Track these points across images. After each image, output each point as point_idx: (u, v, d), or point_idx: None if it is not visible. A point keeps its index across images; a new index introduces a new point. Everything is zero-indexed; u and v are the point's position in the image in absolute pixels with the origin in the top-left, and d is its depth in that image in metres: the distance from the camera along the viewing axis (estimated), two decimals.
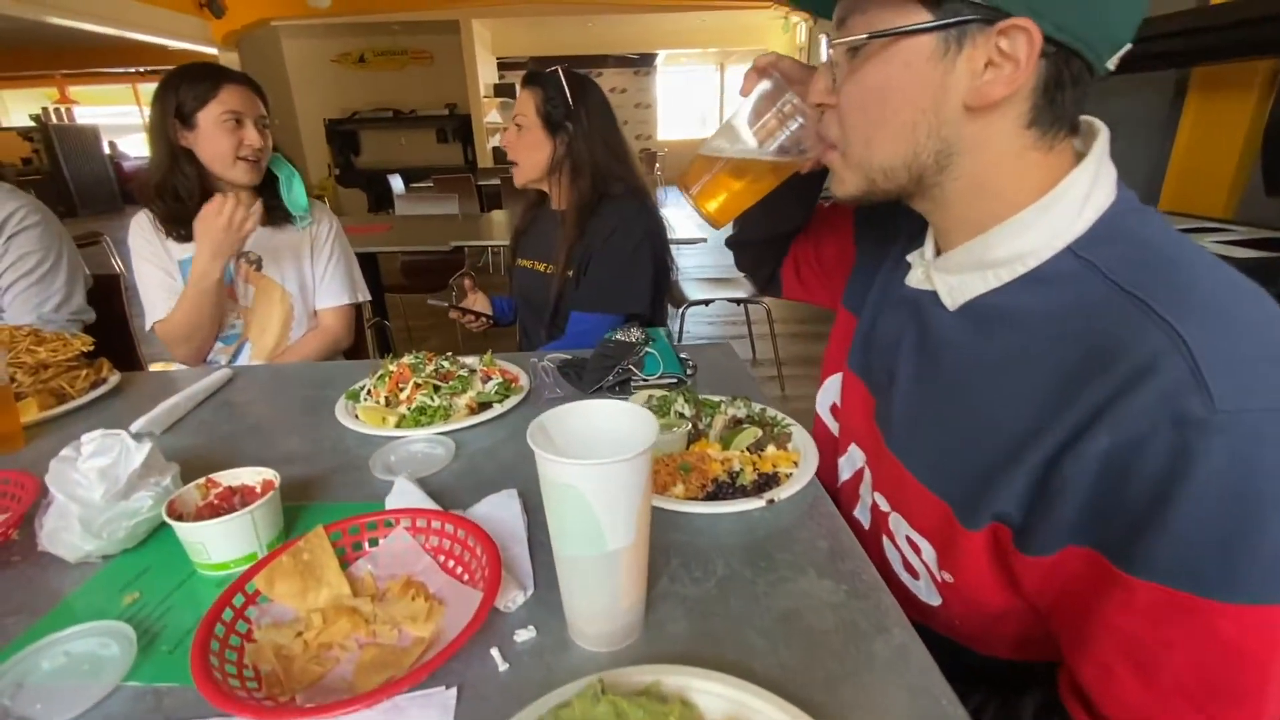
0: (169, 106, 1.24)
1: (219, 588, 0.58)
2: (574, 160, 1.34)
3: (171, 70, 1.26)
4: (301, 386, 1.06)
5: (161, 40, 6.74)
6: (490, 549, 0.55)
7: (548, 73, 1.34)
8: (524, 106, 1.34)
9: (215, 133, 1.25)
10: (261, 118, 1.31)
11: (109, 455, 0.62)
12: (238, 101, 1.26)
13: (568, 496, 0.44)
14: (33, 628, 0.54)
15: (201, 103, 1.24)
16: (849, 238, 0.78)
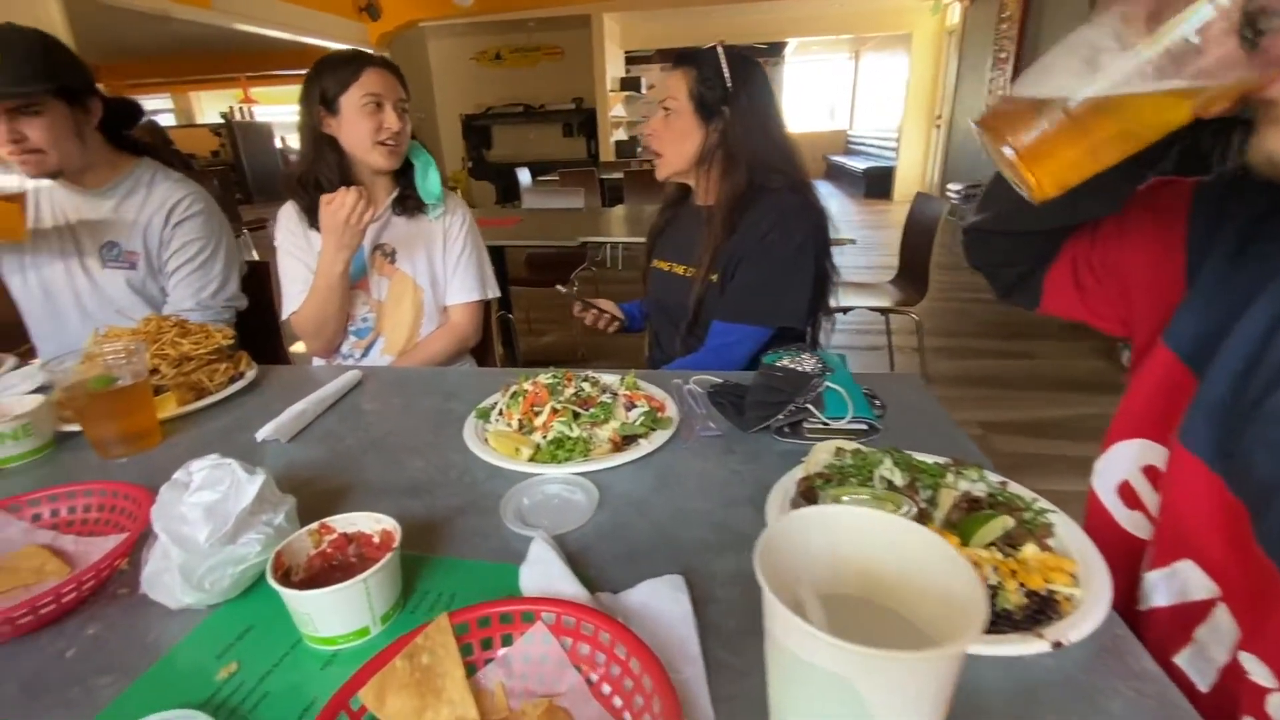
0: (314, 95, 1.23)
1: (323, 668, 0.48)
2: (728, 150, 1.16)
3: (317, 60, 1.25)
4: (428, 395, 0.97)
5: (326, 43, 7.33)
6: (664, 687, 0.39)
7: (705, 50, 1.17)
8: (674, 89, 1.18)
9: (356, 116, 1.22)
10: (400, 101, 1.27)
11: (218, 489, 0.53)
12: (378, 84, 1.23)
13: (828, 689, 0.27)
14: (119, 698, 0.45)
15: (344, 87, 1.21)
16: (1179, 246, 0.54)
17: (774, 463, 0.73)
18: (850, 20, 9.35)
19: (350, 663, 0.48)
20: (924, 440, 0.73)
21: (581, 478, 0.69)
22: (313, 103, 1.23)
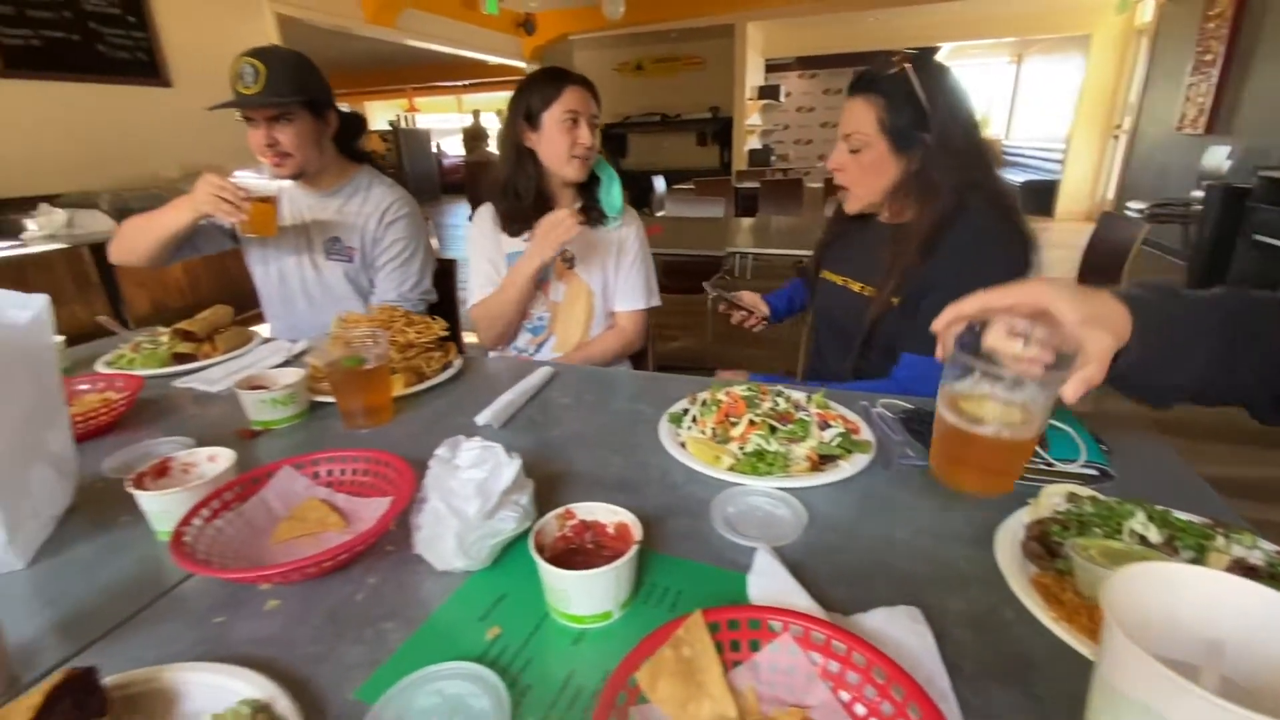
0: (520, 110, 1.34)
1: (574, 644, 0.52)
2: (928, 175, 1.06)
3: (523, 78, 1.36)
4: (615, 396, 1.03)
5: (486, 57, 7.94)
6: (929, 710, 0.39)
7: (891, 75, 1.04)
8: (858, 121, 1.07)
9: (556, 131, 1.31)
10: (593, 116, 1.35)
11: (484, 468, 0.59)
12: (576, 101, 1.31)
13: None
14: (406, 643, 0.52)
15: (546, 104, 1.31)
16: None
17: (984, 500, 0.69)
18: (1018, 22, 8.64)
19: (596, 641, 0.52)
20: (1163, 494, 0.66)
21: (786, 493, 0.70)
22: (517, 117, 1.34)
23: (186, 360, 1.17)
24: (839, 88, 9.93)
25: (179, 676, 0.47)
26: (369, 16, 5.61)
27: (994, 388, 0.60)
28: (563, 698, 0.47)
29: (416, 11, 6.13)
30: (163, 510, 0.65)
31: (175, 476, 0.70)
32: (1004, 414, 0.60)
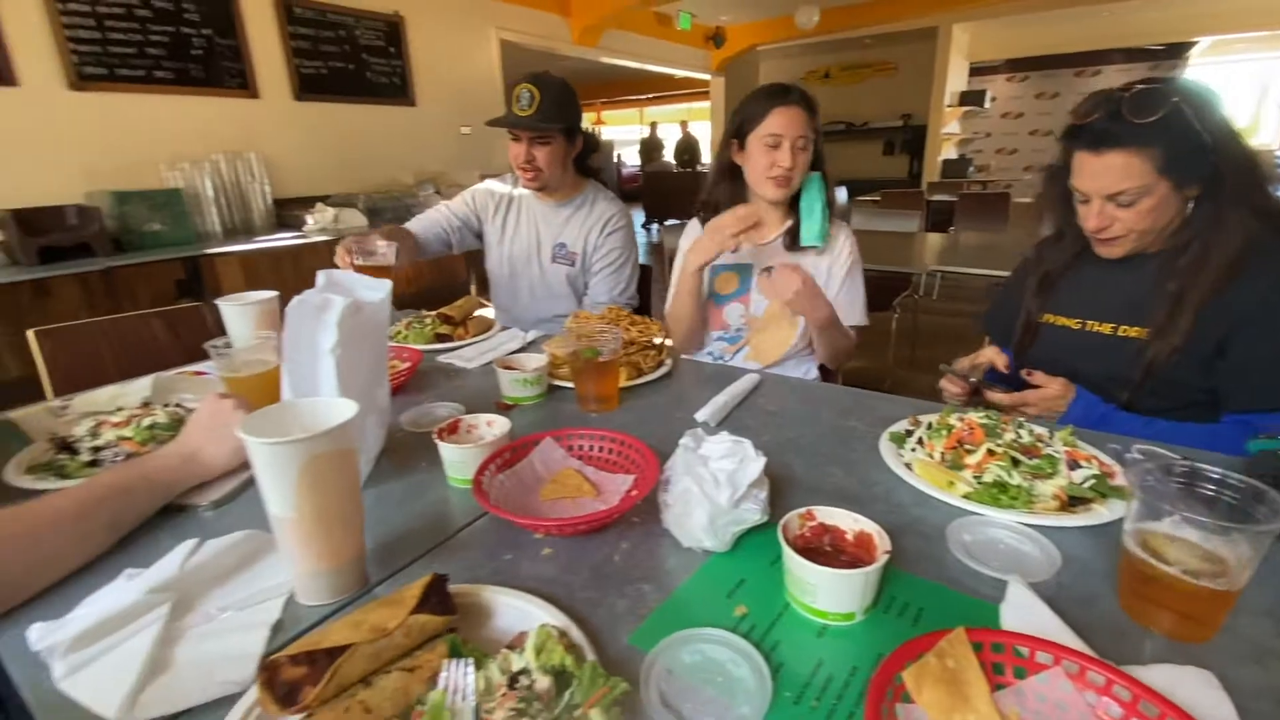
0: (732, 127, 1.38)
1: (818, 636, 0.55)
2: (1215, 210, 0.93)
3: (747, 95, 1.39)
4: (824, 409, 1.04)
5: (673, 70, 8.23)
6: None
7: (1165, 116, 0.88)
8: (1128, 175, 0.92)
9: (758, 151, 1.34)
10: (800, 138, 1.32)
11: (734, 460, 0.65)
12: (781, 124, 1.31)
13: None
14: (665, 602, 0.59)
15: (753, 124, 1.34)
16: None
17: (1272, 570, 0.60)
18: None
19: (840, 638, 0.55)
20: None
21: (1033, 530, 0.67)
22: (730, 135, 1.39)
23: (444, 340, 1.39)
24: (1054, 91, 8.83)
25: (492, 596, 0.58)
26: (576, 38, 6.10)
27: (1197, 534, 0.54)
28: (814, 681, 0.50)
29: (618, 31, 6.54)
30: (459, 460, 0.79)
31: (463, 435, 0.84)
32: (1204, 563, 0.53)
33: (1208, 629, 0.54)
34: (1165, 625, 0.54)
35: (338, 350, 0.72)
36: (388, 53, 4.51)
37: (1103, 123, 0.93)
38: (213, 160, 3.53)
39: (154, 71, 3.39)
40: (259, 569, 0.64)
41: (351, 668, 0.45)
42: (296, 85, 4.00)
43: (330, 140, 4.24)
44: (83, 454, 0.85)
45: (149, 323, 1.55)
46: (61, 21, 3.03)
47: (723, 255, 1.47)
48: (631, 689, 0.47)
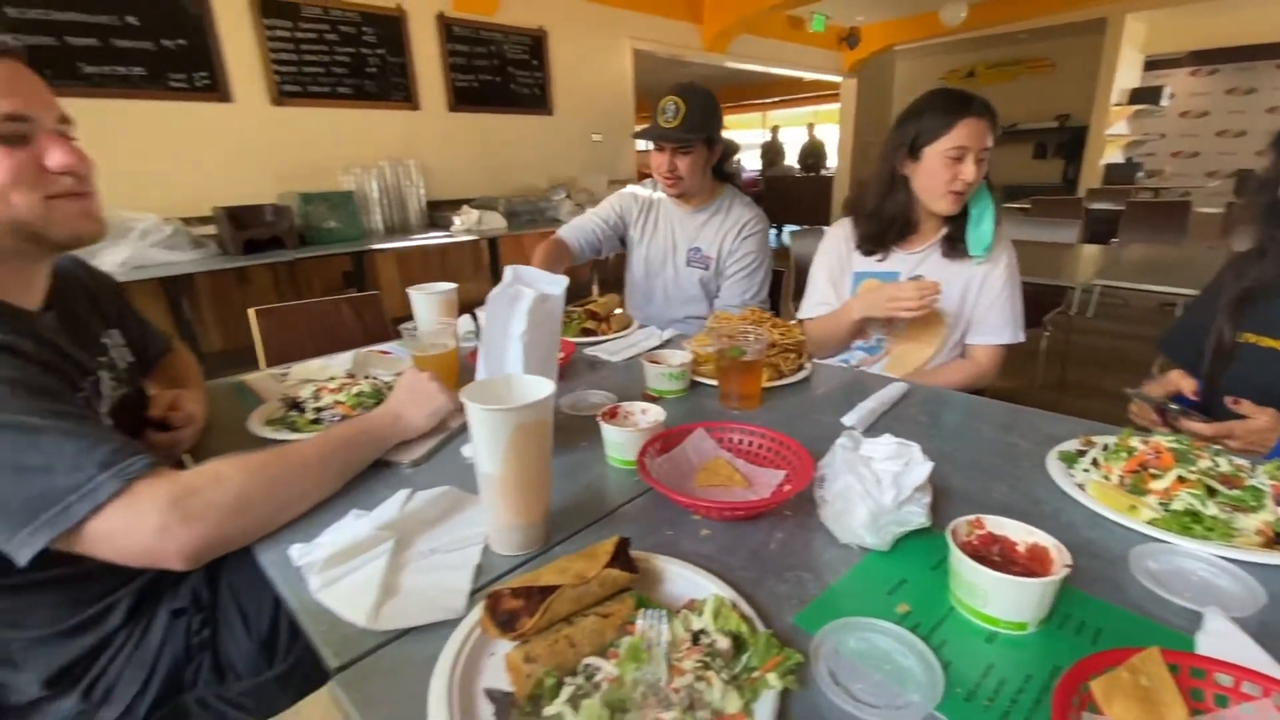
0: (904, 137, 1.31)
1: (987, 641, 0.55)
2: None
3: (917, 100, 1.32)
4: (981, 423, 1.01)
5: (803, 74, 8.07)
6: None
7: None
8: None
9: (937, 165, 1.27)
10: (983, 150, 1.26)
11: (899, 462, 0.66)
12: (967, 137, 1.24)
13: None
14: (825, 592, 0.62)
15: (934, 137, 1.27)
16: None
17: None
18: None
19: (1011, 646, 0.55)
20: None
21: (1232, 564, 0.62)
22: (899, 144, 1.32)
23: (588, 334, 1.48)
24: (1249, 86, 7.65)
25: (664, 564, 0.63)
26: (706, 45, 6.16)
27: None
28: (985, 683, 0.51)
29: (748, 36, 6.53)
30: (620, 442, 0.86)
31: (622, 419, 0.91)
32: None
33: None
34: None
35: (525, 336, 0.81)
36: (531, 65, 4.81)
37: None
38: (379, 166, 3.94)
39: (337, 88, 3.85)
40: (458, 520, 0.74)
41: (559, 605, 0.51)
42: (451, 97, 4.38)
43: (477, 148, 4.59)
44: (308, 413, 1.01)
45: (339, 307, 1.78)
46: (269, 48, 3.53)
47: (868, 263, 1.46)
48: (804, 661, 0.50)
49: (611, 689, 0.45)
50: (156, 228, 2.87)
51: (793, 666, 0.49)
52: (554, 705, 0.45)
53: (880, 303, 1.28)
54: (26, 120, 0.69)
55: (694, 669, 0.47)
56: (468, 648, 0.53)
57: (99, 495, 0.62)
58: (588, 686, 0.47)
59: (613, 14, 5.19)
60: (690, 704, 0.45)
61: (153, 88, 3.17)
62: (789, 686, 0.48)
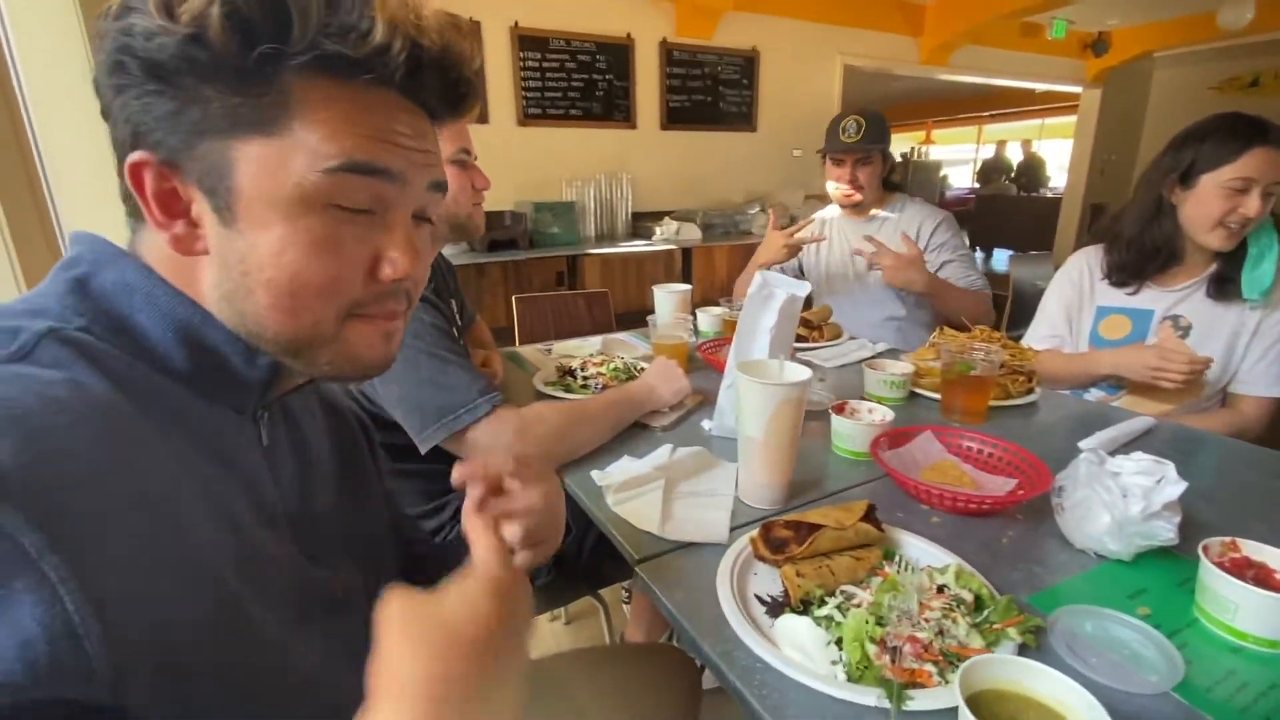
0: (1181, 161, 1.21)
1: (1234, 655, 0.57)
2: None
3: (1199, 123, 1.22)
4: (1246, 468, 0.95)
5: (1036, 85, 7.32)
6: None
7: None
8: None
9: (1214, 196, 1.17)
10: (1274, 184, 1.14)
11: (1151, 478, 0.68)
12: (1256, 168, 1.13)
13: None
14: (1058, 585, 0.67)
15: (1216, 164, 1.16)
16: None
17: None
18: None
19: (1259, 661, 0.56)
20: None
21: None
22: (1172, 169, 1.22)
23: (801, 340, 1.59)
24: None
25: (901, 534, 0.73)
26: (924, 59, 5.90)
27: None
28: (1227, 682, 0.54)
29: (973, 47, 6.12)
30: (850, 433, 0.96)
31: (849, 414, 1.01)
32: None
33: None
34: None
35: (774, 330, 0.95)
36: (741, 85, 5.01)
37: None
38: (596, 179, 4.40)
39: (569, 110, 4.37)
40: (710, 474, 0.90)
41: (822, 541, 0.64)
42: (664, 116, 4.73)
43: (681, 163, 4.90)
44: (579, 379, 1.25)
45: (577, 300, 2.09)
46: (521, 76, 4.13)
47: (1116, 296, 1.36)
48: (1042, 626, 0.57)
49: (873, 607, 0.57)
50: None
51: (1031, 627, 0.56)
52: (823, 608, 0.58)
53: (1139, 367, 1.20)
54: (468, 152, 1.04)
55: (941, 608, 0.57)
56: (737, 565, 0.68)
57: (478, 412, 0.88)
58: (848, 605, 0.58)
59: (826, 31, 5.21)
60: (939, 631, 0.55)
61: None
62: (1027, 643, 0.56)
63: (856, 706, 0.51)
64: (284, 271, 0.39)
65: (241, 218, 0.38)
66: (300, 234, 0.39)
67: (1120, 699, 0.52)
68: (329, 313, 0.41)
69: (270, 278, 0.39)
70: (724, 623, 0.60)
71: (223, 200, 0.38)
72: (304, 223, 0.39)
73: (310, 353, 0.42)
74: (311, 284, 0.40)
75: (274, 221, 0.38)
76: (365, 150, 0.39)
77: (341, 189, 0.39)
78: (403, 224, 0.43)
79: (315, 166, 0.38)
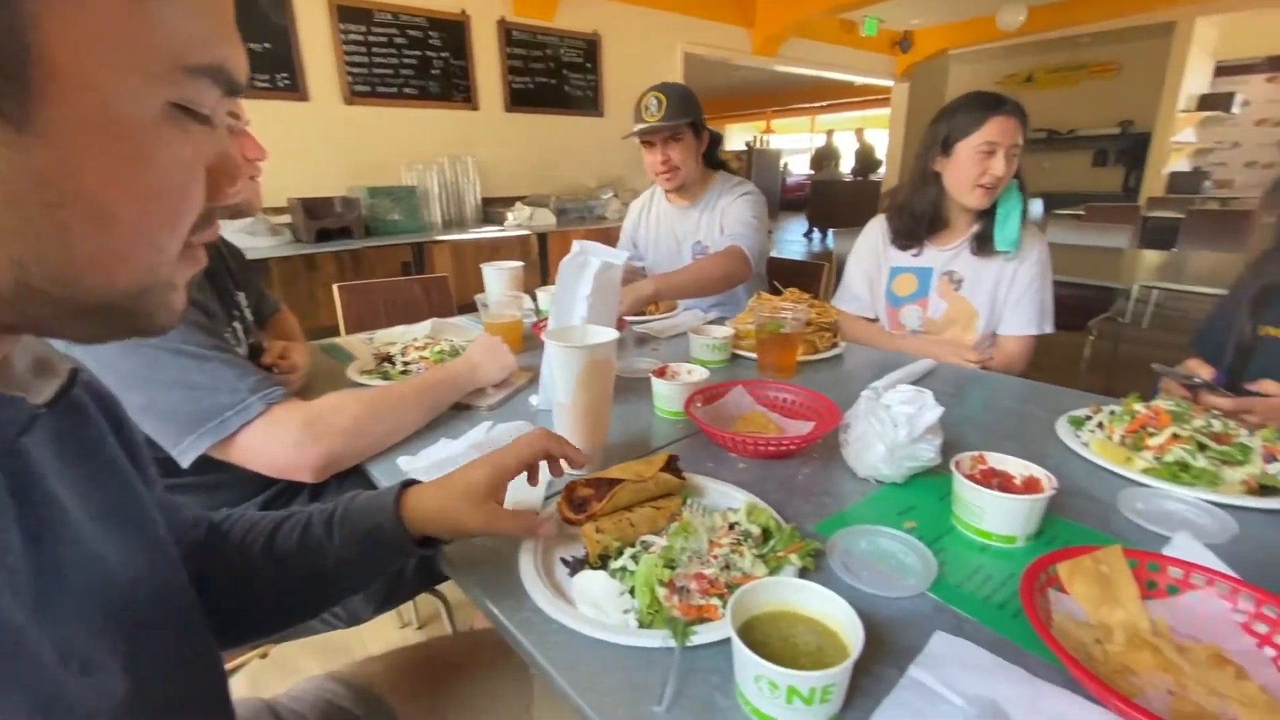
0: (937, 135, 1.38)
1: (981, 553, 0.65)
2: None
3: (952, 101, 1.39)
4: (1002, 396, 1.09)
5: (854, 78, 8.04)
6: None
7: None
8: None
9: (968, 161, 1.34)
10: (1014, 146, 1.33)
11: (914, 406, 0.76)
12: (998, 132, 1.31)
13: None
14: (842, 512, 0.72)
15: (965, 133, 1.34)
16: None
17: None
18: None
19: (1000, 556, 0.64)
20: None
21: (1213, 505, 0.70)
22: (933, 142, 1.39)
23: (639, 314, 1.60)
24: None
25: (705, 481, 0.75)
26: (756, 49, 6.24)
27: None
28: (974, 577, 0.61)
29: (799, 40, 6.57)
30: (668, 394, 0.98)
31: (670, 377, 1.03)
32: None
33: None
34: None
35: (591, 297, 0.94)
36: (584, 68, 4.99)
37: None
38: (438, 163, 4.17)
39: (403, 89, 4.09)
40: None
41: (622, 495, 0.64)
42: (508, 98, 4.58)
43: (530, 147, 4.79)
44: (398, 366, 1.16)
45: (412, 286, 1.96)
46: (343, 50, 3.79)
47: (903, 258, 1.53)
48: (821, 549, 0.61)
49: (664, 551, 0.57)
50: None
51: (811, 551, 0.60)
52: (619, 560, 0.57)
53: (935, 354, 1.33)
54: (236, 116, 0.89)
55: (730, 544, 0.59)
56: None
57: (249, 412, 0.77)
58: (645, 554, 0.59)
59: (665, 18, 5.33)
60: (726, 565, 0.56)
61: None
62: (807, 566, 0.60)
63: (645, 650, 0.51)
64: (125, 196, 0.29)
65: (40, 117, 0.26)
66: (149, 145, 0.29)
67: (885, 604, 0.57)
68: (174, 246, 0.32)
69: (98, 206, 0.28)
70: (524, 592, 0.58)
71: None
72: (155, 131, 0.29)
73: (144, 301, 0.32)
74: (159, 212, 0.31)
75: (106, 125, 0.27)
76: (233, 59, 0.32)
77: (197, 90, 0.30)
78: None
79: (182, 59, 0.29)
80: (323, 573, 0.59)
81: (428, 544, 0.61)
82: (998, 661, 0.49)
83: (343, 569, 0.59)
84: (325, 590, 0.61)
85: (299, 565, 0.58)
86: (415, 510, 0.59)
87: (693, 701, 0.47)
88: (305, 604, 0.62)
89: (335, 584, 0.61)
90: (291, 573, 0.58)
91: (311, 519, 0.60)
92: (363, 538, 0.59)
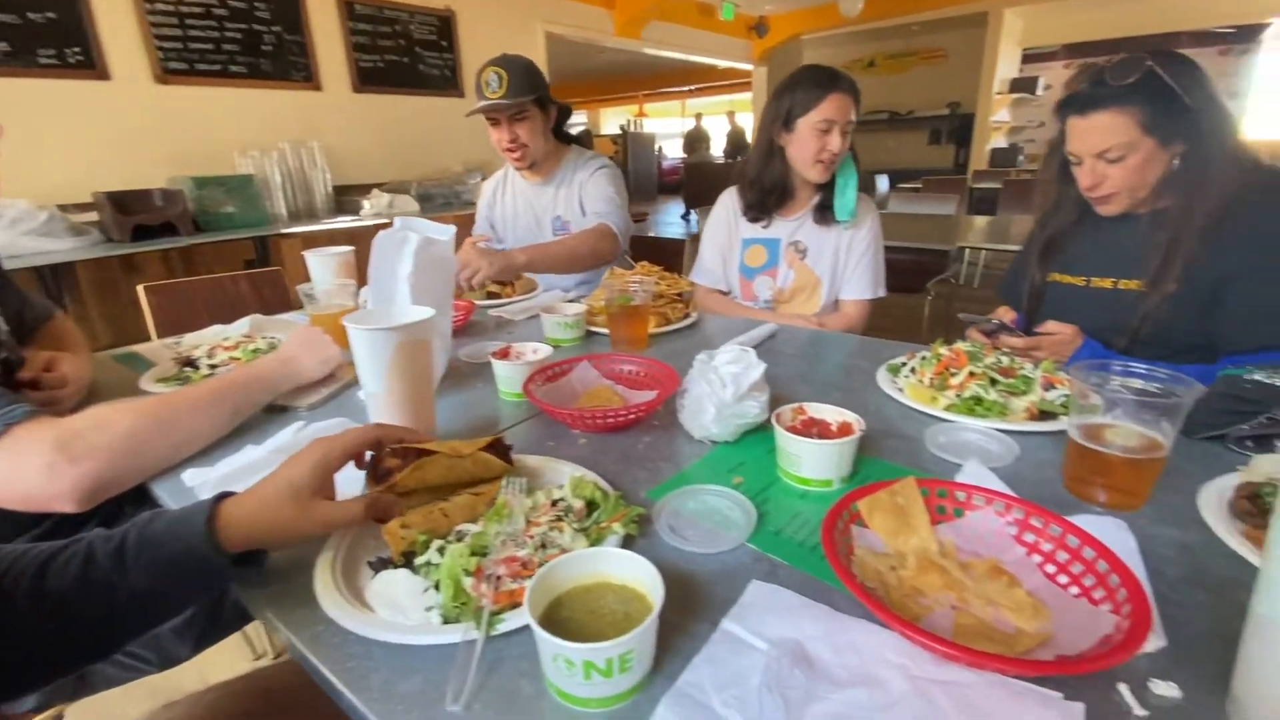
0: (779, 110, 1.42)
1: (801, 499, 0.67)
2: (1199, 165, 0.99)
3: (791, 75, 1.43)
4: (835, 352, 1.15)
5: (715, 61, 8.27)
6: (1126, 574, 0.47)
7: (1138, 79, 0.96)
8: (1112, 133, 0.99)
9: (808, 136, 1.39)
10: (848, 123, 1.39)
11: (739, 365, 0.77)
12: (834, 110, 1.37)
13: None
14: (677, 475, 0.72)
15: (805, 110, 1.38)
16: None
17: (1196, 469, 0.69)
18: None
19: (818, 500, 0.67)
20: None
21: (1000, 433, 0.77)
22: (776, 118, 1.43)
23: (495, 297, 1.54)
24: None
25: (541, 461, 0.72)
26: (618, 30, 6.22)
27: (1128, 417, 0.63)
28: (793, 523, 0.62)
29: (660, 23, 6.64)
30: (509, 376, 0.93)
31: (513, 358, 0.98)
32: (1136, 440, 0.62)
33: (1138, 499, 0.64)
34: (1102, 499, 0.64)
35: (413, 278, 0.87)
36: (439, 46, 4.72)
37: (1088, 88, 1.01)
38: (279, 148, 3.78)
39: (229, 66, 3.66)
40: None
41: (432, 468, 0.59)
42: (355, 78, 4.24)
43: (385, 130, 4.47)
44: (202, 369, 1.02)
45: (238, 282, 1.75)
46: (148, 20, 3.32)
47: (754, 229, 1.57)
48: (646, 515, 0.60)
49: (474, 538, 0.54)
50: (29, 214, 2.67)
51: (635, 517, 0.59)
52: (424, 555, 0.53)
53: None
54: None
55: (549, 521, 0.56)
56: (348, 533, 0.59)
57: None
58: (457, 544, 0.54)
59: None
60: (542, 544, 0.54)
61: (19, 65, 2.91)
62: (630, 533, 0.58)
63: (447, 647, 0.47)
64: None
65: None
66: None
67: (706, 560, 0.57)
68: None
69: None
70: (315, 604, 0.51)
71: None
72: None
73: None
74: None
75: None
76: None
77: None
78: None
79: None
80: (110, 612, 0.49)
81: (246, 559, 0.53)
82: (805, 602, 0.50)
83: (139, 603, 0.50)
84: (112, 633, 0.51)
85: (80, 605, 0.48)
86: (232, 525, 0.51)
87: (495, 694, 0.44)
88: (86, 651, 0.51)
89: (128, 622, 0.51)
90: (68, 615, 0.48)
91: (94, 548, 0.50)
92: (167, 565, 0.50)
